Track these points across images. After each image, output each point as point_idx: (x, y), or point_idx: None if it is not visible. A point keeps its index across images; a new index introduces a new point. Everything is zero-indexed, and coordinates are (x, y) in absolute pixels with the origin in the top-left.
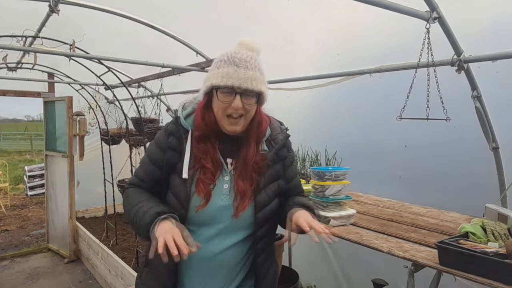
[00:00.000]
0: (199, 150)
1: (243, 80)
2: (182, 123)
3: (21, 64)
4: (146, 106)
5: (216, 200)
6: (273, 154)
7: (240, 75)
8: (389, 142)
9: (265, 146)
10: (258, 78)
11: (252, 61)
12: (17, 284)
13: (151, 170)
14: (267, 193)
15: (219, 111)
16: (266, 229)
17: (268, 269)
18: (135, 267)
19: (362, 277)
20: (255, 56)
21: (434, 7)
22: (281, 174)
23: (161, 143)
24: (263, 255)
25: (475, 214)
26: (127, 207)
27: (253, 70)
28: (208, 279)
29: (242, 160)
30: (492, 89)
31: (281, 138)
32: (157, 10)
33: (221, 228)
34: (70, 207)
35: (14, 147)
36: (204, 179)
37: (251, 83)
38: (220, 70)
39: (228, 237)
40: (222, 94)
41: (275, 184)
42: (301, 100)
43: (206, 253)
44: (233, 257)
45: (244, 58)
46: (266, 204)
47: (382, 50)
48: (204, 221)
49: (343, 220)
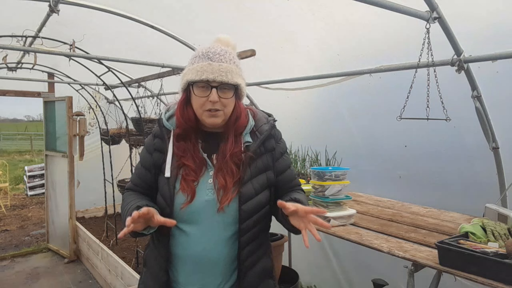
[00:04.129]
0: (179, 148)
1: (218, 73)
2: (165, 124)
3: (21, 64)
4: (146, 106)
5: (201, 195)
6: (258, 145)
7: (214, 69)
8: (389, 142)
9: (249, 138)
10: (234, 71)
11: (226, 54)
12: (17, 284)
13: (143, 174)
14: (253, 185)
15: (198, 106)
16: (254, 222)
17: (254, 263)
18: (135, 267)
19: (362, 277)
20: (229, 51)
21: (434, 7)
22: (269, 166)
23: (149, 146)
24: (249, 248)
25: (475, 214)
26: (122, 211)
27: (228, 63)
28: (204, 276)
29: (221, 154)
30: (492, 89)
31: (266, 128)
32: (157, 10)
33: (210, 224)
34: (70, 207)
35: (14, 147)
36: (187, 177)
37: (226, 76)
38: (194, 65)
39: (218, 233)
40: (198, 89)
41: (263, 176)
42: (301, 100)
43: (199, 250)
44: (227, 254)
45: (218, 52)
46: (252, 196)
47: (382, 50)
48: (191, 217)
49: (343, 220)
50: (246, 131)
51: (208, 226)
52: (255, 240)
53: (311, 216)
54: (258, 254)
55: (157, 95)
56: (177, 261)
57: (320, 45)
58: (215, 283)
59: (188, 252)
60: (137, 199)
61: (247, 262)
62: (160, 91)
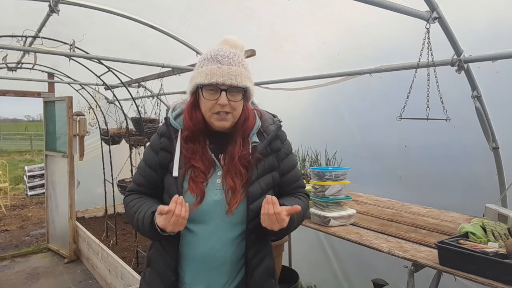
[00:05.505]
0: (188, 150)
1: (227, 76)
2: (172, 123)
3: (21, 64)
4: (146, 106)
5: (209, 195)
6: (264, 146)
7: (223, 72)
8: (389, 142)
9: (256, 138)
10: (243, 74)
11: (235, 57)
12: (17, 284)
13: (148, 174)
14: (260, 185)
15: (206, 109)
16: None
17: (260, 263)
18: (135, 267)
19: (362, 277)
20: (238, 53)
21: (434, 7)
22: (274, 166)
23: (154, 145)
24: (255, 247)
25: (475, 214)
26: (129, 218)
27: (237, 66)
28: (210, 276)
29: (229, 156)
30: (492, 89)
31: (272, 129)
32: (157, 10)
33: (218, 224)
34: (70, 207)
35: (14, 147)
36: (195, 178)
37: (235, 79)
38: (203, 68)
39: (226, 233)
40: (207, 92)
41: (269, 176)
42: (301, 100)
43: (206, 250)
44: (234, 253)
45: (227, 54)
46: (259, 196)
47: (382, 50)
48: (200, 217)
49: (343, 220)
50: (253, 132)
51: (216, 226)
52: (261, 239)
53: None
54: (263, 253)
55: (157, 95)
56: (184, 260)
57: (320, 45)
58: (221, 282)
59: (196, 251)
60: (146, 204)
61: (253, 261)
62: (160, 91)
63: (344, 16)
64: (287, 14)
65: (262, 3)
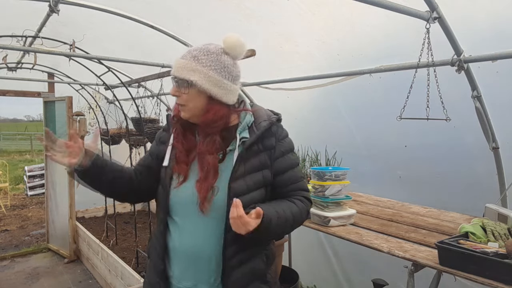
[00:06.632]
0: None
1: (175, 68)
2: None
3: (21, 64)
4: (146, 106)
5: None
6: (253, 141)
7: (175, 64)
8: (389, 142)
9: (247, 134)
10: (187, 66)
11: (194, 52)
12: (17, 284)
13: (146, 157)
14: (246, 182)
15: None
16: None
17: (242, 263)
18: (135, 267)
19: (362, 277)
20: (205, 48)
21: (434, 7)
22: (267, 165)
23: (157, 137)
24: (236, 246)
25: (475, 214)
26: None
27: (187, 59)
28: (197, 273)
29: (198, 151)
30: (492, 89)
31: (264, 125)
32: (157, 10)
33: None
34: (70, 207)
35: (14, 147)
36: (178, 159)
37: (177, 71)
38: None
39: (210, 229)
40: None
41: (259, 174)
42: (301, 100)
43: (191, 246)
44: (219, 251)
45: (190, 49)
46: (244, 193)
47: (382, 50)
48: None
49: (343, 220)
50: (241, 129)
51: (196, 219)
52: (243, 238)
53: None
54: (248, 254)
55: (157, 95)
56: (173, 254)
57: (320, 45)
58: (208, 280)
59: (181, 247)
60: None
61: (233, 261)
62: (160, 91)
63: (344, 16)
64: (287, 14)
65: (262, 3)
